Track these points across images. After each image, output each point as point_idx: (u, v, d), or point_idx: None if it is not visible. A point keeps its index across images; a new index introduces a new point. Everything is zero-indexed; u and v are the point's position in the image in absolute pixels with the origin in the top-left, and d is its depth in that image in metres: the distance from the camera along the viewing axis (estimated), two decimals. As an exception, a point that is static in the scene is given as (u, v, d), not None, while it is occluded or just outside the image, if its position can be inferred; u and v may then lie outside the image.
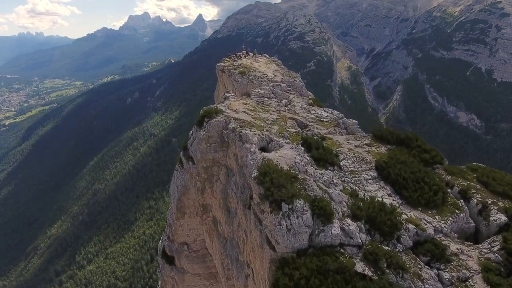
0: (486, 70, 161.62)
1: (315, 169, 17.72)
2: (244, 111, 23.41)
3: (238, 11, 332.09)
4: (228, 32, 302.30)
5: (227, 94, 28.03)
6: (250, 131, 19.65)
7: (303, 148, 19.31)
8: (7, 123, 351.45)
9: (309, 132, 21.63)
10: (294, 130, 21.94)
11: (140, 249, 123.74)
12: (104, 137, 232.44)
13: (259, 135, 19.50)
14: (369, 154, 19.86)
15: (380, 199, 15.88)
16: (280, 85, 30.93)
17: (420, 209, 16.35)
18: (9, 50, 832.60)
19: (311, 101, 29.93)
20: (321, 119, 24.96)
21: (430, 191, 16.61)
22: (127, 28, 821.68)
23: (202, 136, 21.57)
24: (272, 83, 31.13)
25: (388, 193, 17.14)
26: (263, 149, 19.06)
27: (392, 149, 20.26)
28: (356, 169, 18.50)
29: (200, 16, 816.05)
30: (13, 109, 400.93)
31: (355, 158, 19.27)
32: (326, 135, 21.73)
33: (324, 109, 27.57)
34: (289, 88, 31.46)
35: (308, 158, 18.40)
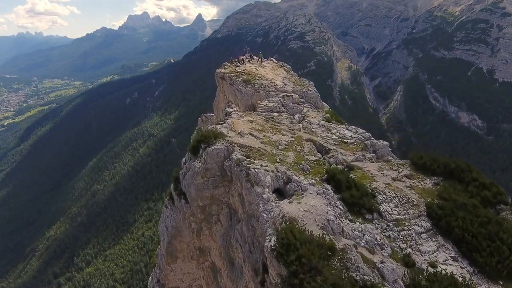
0: (487, 70, 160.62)
1: (351, 221, 13.93)
2: (250, 133, 19.54)
3: (237, 10, 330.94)
4: (228, 32, 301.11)
5: (229, 110, 23.78)
6: (261, 166, 15.82)
7: (330, 187, 15.31)
8: (6, 123, 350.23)
9: (332, 160, 17.98)
10: (314, 158, 18.07)
11: (139, 251, 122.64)
12: (103, 138, 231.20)
13: (272, 172, 15.64)
14: (413, 192, 15.95)
15: (446, 271, 11.86)
16: (292, 96, 26.95)
17: (501, 283, 12.32)
18: (8, 50, 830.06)
19: (328, 115, 25.50)
20: (345, 140, 21.00)
21: (511, 254, 12.51)
22: (126, 28, 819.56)
23: (198, 169, 17.67)
24: (282, 94, 27.14)
25: (452, 255, 13.15)
26: (279, 192, 15.42)
27: (441, 185, 16.38)
28: (402, 217, 14.53)
29: (199, 16, 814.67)
30: (12, 109, 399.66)
31: (397, 200, 15.26)
32: (353, 163, 18.03)
33: (347, 126, 23.36)
34: (302, 100, 27.35)
35: (340, 206, 14.43)
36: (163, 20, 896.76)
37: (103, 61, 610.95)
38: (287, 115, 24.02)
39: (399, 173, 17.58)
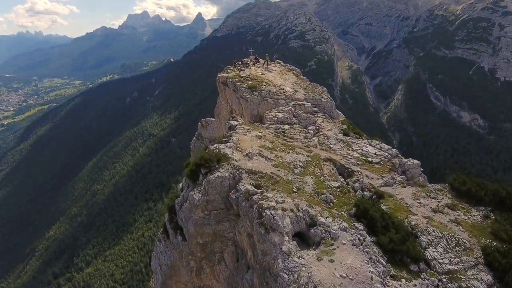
0: (489, 69, 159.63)
1: (394, 278, 11.04)
2: (259, 153, 16.69)
3: (237, 9, 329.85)
4: (228, 31, 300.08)
5: (233, 123, 20.70)
6: (276, 202, 12.89)
7: (362, 227, 12.58)
8: (5, 123, 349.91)
9: (357, 185, 15.51)
10: (336, 184, 15.43)
11: (139, 252, 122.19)
12: (103, 137, 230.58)
13: (292, 211, 12.66)
14: (461, 229, 13.30)
15: None
16: (304, 104, 24.12)
17: None
18: (8, 49, 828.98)
19: (345, 126, 22.74)
20: (369, 158, 18.28)
21: None
22: (126, 27, 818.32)
23: (198, 202, 14.86)
24: (293, 102, 24.27)
25: None
26: (300, 236, 12.73)
27: (493, 218, 13.82)
28: (456, 267, 11.63)
29: (199, 15, 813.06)
30: (11, 109, 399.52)
31: (445, 241, 12.47)
32: (382, 189, 15.44)
33: (369, 142, 20.52)
34: (316, 109, 24.55)
35: (383, 261, 11.36)
36: (163, 19, 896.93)
37: (102, 60, 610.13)
38: (300, 128, 21.10)
39: (438, 202, 14.83)
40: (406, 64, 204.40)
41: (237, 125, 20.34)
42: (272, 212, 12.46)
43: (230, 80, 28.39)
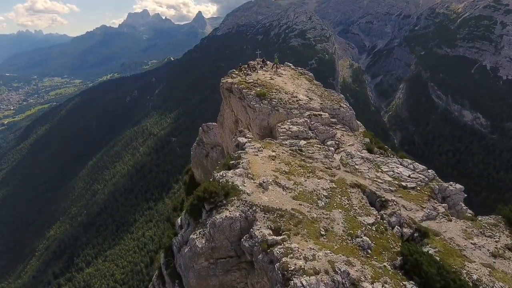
0: (491, 67, 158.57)
1: None
2: (275, 180, 14.15)
3: (237, 8, 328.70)
4: (228, 30, 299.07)
5: (241, 139, 17.92)
6: (305, 259, 10.34)
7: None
8: (6, 122, 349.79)
9: (394, 220, 13.19)
10: (370, 220, 12.94)
11: (139, 252, 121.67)
12: (103, 137, 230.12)
13: (326, 273, 10.03)
14: None
15: None
16: (320, 115, 21.68)
17: None
18: (8, 49, 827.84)
19: (367, 139, 20.44)
20: (402, 182, 16.05)
21: None
22: (126, 26, 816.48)
23: (201, 249, 11.89)
24: (308, 113, 21.74)
25: None
26: None
27: None
28: None
29: (199, 13, 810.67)
30: (12, 108, 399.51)
31: None
32: (425, 224, 13.28)
33: (400, 161, 18.04)
34: (334, 120, 22.10)
35: None
36: (163, 18, 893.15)
37: (103, 59, 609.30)
38: (318, 144, 18.39)
39: (496, 242, 12.53)
40: (407, 63, 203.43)
41: (246, 142, 17.53)
42: (304, 282, 9.55)
43: (236, 86, 25.68)
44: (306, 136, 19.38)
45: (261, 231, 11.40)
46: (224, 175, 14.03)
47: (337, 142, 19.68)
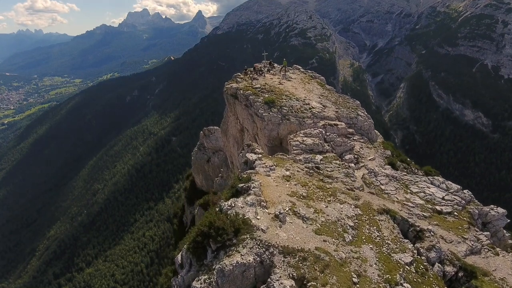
0: (492, 66, 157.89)
1: None
2: (292, 209, 12.14)
3: (238, 7, 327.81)
4: (228, 29, 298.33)
5: (251, 156, 15.52)
6: None
7: None
8: (6, 122, 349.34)
9: (434, 255, 11.52)
10: (407, 259, 11.13)
11: (139, 252, 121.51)
12: (103, 136, 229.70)
13: None
14: None
15: None
16: (337, 125, 19.91)
17: None
18: (8, 48, 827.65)
19: (388, 152, 18.65)
20: (436, 206, 14.28)
21: None
22: (126, 25, 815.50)
23: None
24: (323, 122, 19.96)
25: None
26: None
27: None
28: None
29: (199, 12, 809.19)
30: (12, 107, 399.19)
31: None
32: (470, 260, 11.52)
33: (430, 179, 16.26)
34: (351, 130, 20.38)
35: None
36: (163, 17, 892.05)
37: (103, 58, 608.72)
38: (336, 160, 16.28)
39: None
40: (408, 62, 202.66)
41: (256, 160, 15.21)
42: None
43: (242, 92, 23.52)
44: (322, 150, 17.43)
45: (281, 282, 9.04)
46: (233, 204, 11.65)
47: (356, 156, 17.68)
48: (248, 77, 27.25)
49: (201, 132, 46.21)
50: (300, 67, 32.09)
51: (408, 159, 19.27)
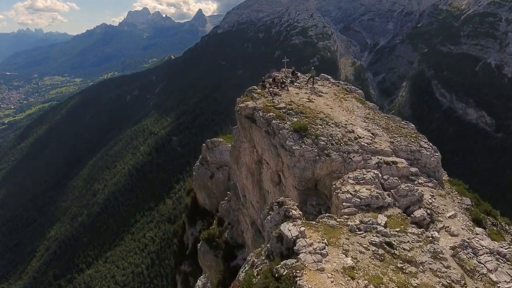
0: (496, 65, 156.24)
1: None
2: None
3: (238, 6, 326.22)
4: (229, 28, 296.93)
5: (289, 231, 9.72)
6: None
7: None
8: (6, 121, 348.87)
9: None
10: None
11: (140, 253, 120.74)
12: (103, 136, 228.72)
13: None
14: None
15: None
16: (395, 163, 14.38)
17: None
18: (8, 47, 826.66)
19: (467, 200, 13.75)
20: None
21: None
22: (126, 24, 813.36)
23: None
24: (376, 159, 14.47)
25: None
26: None
27: None
28: None
29: (200, 11, 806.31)
30: (12, 107, 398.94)
31: None
32: None
33: None
34: (414, 169, 14.63)
35: None
36: (163, 16, 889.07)
37: (103, 58, 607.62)
38: (412, 229, 10.81)
39: None
40: (410, 61, 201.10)
41: (297, 238, 9.49)
42: None
43: (261, 114, 17.68)
44: (383, 204, 12.01)
45: None
46: None
47: (429, 211, 12.25)
48: (267, 91, 21.12)
49: (204, 144, 41.70)
50: (329, 77, 26.01)
51: (494, 209, 14.24)
